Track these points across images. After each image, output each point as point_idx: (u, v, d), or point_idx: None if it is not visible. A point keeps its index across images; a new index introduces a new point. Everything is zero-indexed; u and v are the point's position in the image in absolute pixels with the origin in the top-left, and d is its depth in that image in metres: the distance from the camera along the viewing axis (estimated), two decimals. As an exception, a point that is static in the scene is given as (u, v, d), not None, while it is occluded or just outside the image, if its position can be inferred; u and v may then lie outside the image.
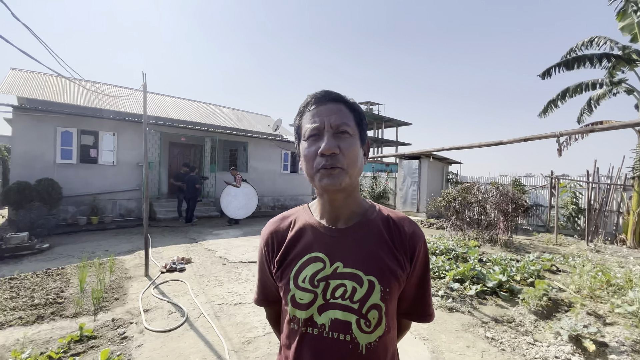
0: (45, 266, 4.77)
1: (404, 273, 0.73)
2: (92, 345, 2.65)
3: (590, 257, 6.29)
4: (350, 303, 0.69)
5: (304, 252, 0.76)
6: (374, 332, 0.69)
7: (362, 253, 0.73)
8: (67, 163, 8.36)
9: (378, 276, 0.71)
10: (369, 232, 0.76)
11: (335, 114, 0.73)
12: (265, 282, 0.87)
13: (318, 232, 0.77)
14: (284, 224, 0.83)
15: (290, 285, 0.73)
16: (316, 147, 0.71)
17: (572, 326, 3.02)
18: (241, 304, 3.58)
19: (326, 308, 0.70)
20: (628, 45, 8.13)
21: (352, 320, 0.69)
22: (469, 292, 3.95)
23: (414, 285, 0.78)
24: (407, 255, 0.75)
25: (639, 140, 7.96)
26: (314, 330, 0.71)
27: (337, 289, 0.71)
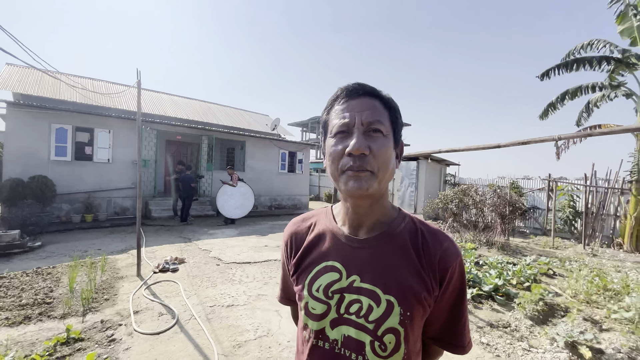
0: (36, 265, 4.69)
1: (430, 297, 0.65)
2: (78, 348, 2.59)
3: (587, 261, 6.27)
4: (365, 322, 0.64)
5: (320, 260, 0.71)
6: (390, 358, 0.63)
7: (383, 269, 0.66)
8: (61, 160, 8.26)
9: (398, 297, 0.63)
10: (394, 245, 0.68)
11: (368, 109, 0.65)
12: (287, 281, 0.84)
13: (337, 240, 0.71)
14: (304, 226, 0.78)
15: (304, 293, 0.69)
16: (344, 146, 0.64)
17: (568, 332, 2.98)
18: (233, 306, 3.52)
19: (339, 323, 0.65)
20: (627, 49, 8.13)
21: (367, 341, 0.63)
22: (465, 296, 3.90)
23: (445, 310, 0.70)
24: (437, 276, 0.66)
25: (637, 145, 7.95)
26: (325, 344, 0.66)
27: (353, 305, 0.65)
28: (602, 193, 9.01)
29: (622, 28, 7.82)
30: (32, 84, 10.47)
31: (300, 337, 0.74)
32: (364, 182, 0.62)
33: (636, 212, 7.79)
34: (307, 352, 0.69)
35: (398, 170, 12.68)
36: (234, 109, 17.31)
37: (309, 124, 35.41)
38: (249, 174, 12.19)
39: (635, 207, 7.84)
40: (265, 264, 5.17)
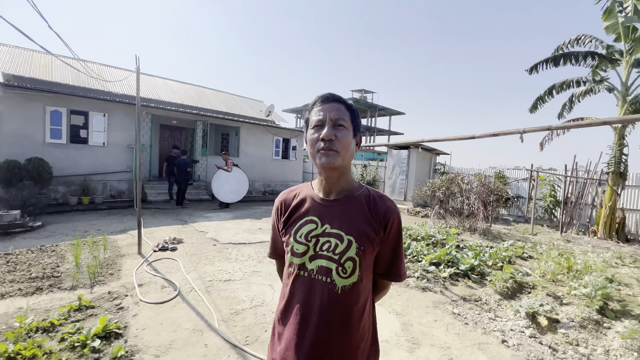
0: (39, 243, 4.90)
1: (377, 237, 0.94)
2: (90, 314, 2.86)
3: (561, 246, 6.71)
4: (333, 255, 0.91)
5: (302, 216, 0.99)
6: (349, 278, 0.90)
7: (346, 219, 0.94)
8: (56, 143, 8.33)
9: (355, 237, 0.92)
10: (354, 204, 0.97)
11: (335, 110, 0.95)
12: (276, 240, 1.11)
13: (314, 202, 1.00)
14: (291, 195, 1.06)
15: (290, 239, 0.97)
16: (319, 134, 0.93)
17: (530, 305, 3.36)
18: (230, 281, 3.82)
19: (315, 257, 0.93)
20: (612, 45, 8.41)
21: (333, 268, 0.91)
22: (443, 274, 4.27)
23: (388, 250, 0.98)
24: (382, 224, 0.95)
25: (615, 137, 8.35)
26: (304, 273, 0.94)
27: (325, 244, 0.93)
28: (581, 183, 9.47)
29: (608, 24, 8.06)
30: (23, 64, 10.34)
31: (285, 273, 1.01)
32: (331, 158, 0.91)
33: (611, 202, 8.26)
34: (291, 281, 0.96)
35: (390, 158, 12.98)
36: (228, 94, 17.26)
37: (302, 110, 35.32)
38: (243, 159, 12.36)
39: (610, 197, 8.30)
40: (260, 245, 5.47)
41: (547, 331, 3.10)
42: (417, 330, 2.94)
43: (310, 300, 0.92)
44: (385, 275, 1.01)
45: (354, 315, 0.92)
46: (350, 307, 0.91)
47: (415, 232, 6.29)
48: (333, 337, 0.89)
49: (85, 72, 7.56)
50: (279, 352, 0.96)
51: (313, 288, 0.92)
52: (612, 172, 8.28)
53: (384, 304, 3.45)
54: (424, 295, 3.76)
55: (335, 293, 0.90)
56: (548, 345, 2.81)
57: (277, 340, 0.99)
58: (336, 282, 0.90)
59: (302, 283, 0.94)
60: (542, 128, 2.63)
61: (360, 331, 0.93)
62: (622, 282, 4.66)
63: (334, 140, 0.91)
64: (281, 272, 1.14)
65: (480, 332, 3.00)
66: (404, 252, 1.03)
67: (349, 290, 0.90)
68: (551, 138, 9.66)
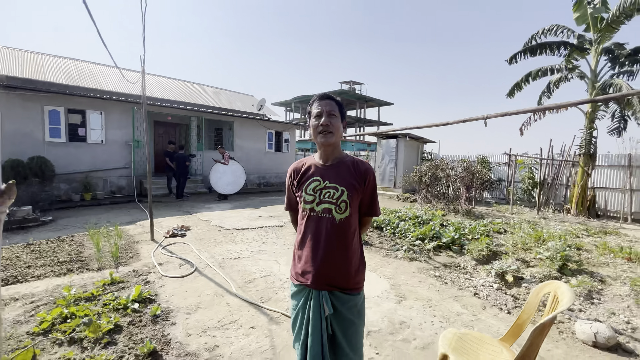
0: (55, 235, 5.26)
1: (360, 187, 1.40)
2: (122, 287, 3.30)
3: (535, 222, 7.38)
4: (332, 199, 1.38)
5: (310, 177, 1.44)
6: (343, 213, 1.38)
7: (339, 176, 1.40)
8: (56, 142, 8.56)
9: (346, 186, 1.37)
10: (343, 166, 1.43)
11: (329, 105, 1.41)
12: (290, 197, 1.58)
13: (317, 167, 1.46)
14: (300, 165, 1.52)
15: (303, 193, 1.44)
16: (318, 122, 1.40)
17: (500, 266, 3.93)
18: (240, 259, 4.29)
19: (320, 203, 1.40)
20: (582, 34, 9.02)
21: (332, 208, 1.38)
22: (427, 247, 4.83)
23: (368, 196, 1.45)
24: (363, 179, 1.41)
25: (586, 121, 9.02)
26: (314, 214, 1.41)
27: (326, 194, 1.40)
28: (556, 165, 10.18)
29: (578, 15, 8.65)
30: (15, 65, 10.40)
31: (300, 216, 1.47)
32: (329, 137, 1.39)
33: (582, 181, 8.97)
34: (305, 220, 1.42)
35: (379, 148, 13.51)
36: (219, 89, 17.43)
37: (292, 103, 35.49)
38: (238, 153, 12.71)
39: (581, 176, 9.01)
40: (261, 230, 5.94)
41: (512, 286, 3.68)
42: (404, 289, 3.48)
43: (319, 230, 1.39)
44: (367, 213, 1.50)
45: (348, 238, 1.40)
46: (345, 232, 1.39)
47: (404, 214, 6.84)
48: (336, 252, 1.38)
49: (78, 71, 7.78)
50: (300, 266, 1.43)
51: (320, 222, 1.39)
52: (583, 154, 8.97)
53: (376, 271, 3.98)
54: (410, 264, 4.31)
55: (335, 224, 1.38)
56: (511, 295, 3.39)
57: (297, 259, 1.47)
58: (335, 216, 1.38)
59: (312, 220, 1.41)
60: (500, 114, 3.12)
61: (353, 247, 1.42)
62: (584, 249, 5.31)
63: (329, 125, 1.38)
64: (294, 221, 1.62)
65: (457, 288, 3.56)
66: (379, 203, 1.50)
67: (344, 221, 1.38)
68: (529, 124, 10.31)
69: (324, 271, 1.36)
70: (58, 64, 11.73)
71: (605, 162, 9.49)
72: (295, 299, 1.46)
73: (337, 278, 1.38)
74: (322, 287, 1.37)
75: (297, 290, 1.44)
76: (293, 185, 1.51)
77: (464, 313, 2.98)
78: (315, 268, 1.37)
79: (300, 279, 1.42)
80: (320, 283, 1.37)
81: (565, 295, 1.36)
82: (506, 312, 3.04)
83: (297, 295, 1.45)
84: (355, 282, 1.41)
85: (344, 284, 1.38)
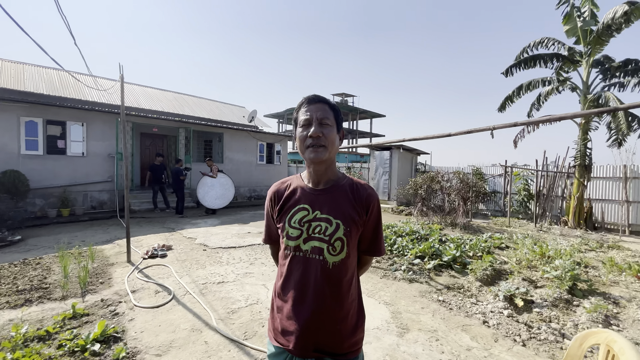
0: (21, 257, 4.77)
1: (360, 219, 1.08)
2: (85, 321, 2.87)
3: (533, 235, 7.15)
4: (324, 236, 1.05)
5: (295, 204, 1.11)
6: (338, 255, 1.04)
7: (333, 205, 1.08)
8: (33, 154, 8.07)
9: (342, 220, 1.05)
10: (339, 191, 1.10)
11: (321, 110, 1.07)
12: (270, 226, 1.23)
13: (305, 192, 1.12)
14: (283, 186, 1.18)
15: (285, 225, 1.10)
16: (307, 132, 1.06)
17: (507, 288, 3.62)
18: (224, 283, 3.89)
19: (308, 240, 1.06)
20: (573, 47, 9.07)
21: (324, 247, 1.04)
22: (427, 266, 4.50)
23: (370, 230, 1.12)
24: (364, 208, 1.09)
25: (580, 133, 8.97)
26: (299, 253, 1.07)
27: (316, 228, 1.06)
28: (551, 177, 10.08)
29: (568, 28, 8.71)
30: (-8, 74, 9.95)
31: (282, 255, 1.13)
32: (320, 153, 1.05)
33: (578, 193, 8.85)
34: (288, 261, 1.09)
35: (372, 159, 13.31)
36: (209, 100, 17.15)
37: (284, 115, 35.41)
38: (228, 165, 12.33)
39: (577, 188, 8.89)
40: (250, 248, 5.54)
41: (523, 311, 3.36)
42: (406, 317, 3.13)
43: (306, 275, 1.05)
44: (368, 251, 1.16)
45: (343, 286, 1.07)
46: (340, 280, 1.06)
47: (400, 229, 6.53)
48: (327, 305, 1.04)
49: (60, 81, 7.40)
50: (280, 322, 1.09)
51: (308, 265, 1.06)
52: (578, 165, 8.88)
53: (374, 296, 3.63)
54: (410, 286, 3.97)
55: (327, 268, 1.04)
56: (524, 323, 3.07)
57: (277, 312, 1.12)
58: (327, 259, 1.04)
59: (297, 262, 1.08)
60: (510, 124, 2.89)
61: (349, 299, 1.09)
62: (589, 265, 5.06)
63: (321, 137, 1.04)
64: (276, 256, 1.28)
65: (464, 315, 3.23)
66: (383, 234, 1.17)
67: (338, 265, 1.05)
68: (523, 135, 10.23)
69: (312, 332, 1.03)
70: (40, 73, 11.30)
71: (601, 174, 9.41)
72: None
73: (328, 340, 1.04)
74: (308, 355, 1.03)
75: (276, 352, 1.10)
76: (274, 213, 1.17)
77: (474, 347, 2.64)
78: (300, 328, 1.03)
79: (280, 340, 1.09)
80: (307, 348, 1.03)
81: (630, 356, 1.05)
82: (521, 345, 2.71)
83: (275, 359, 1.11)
84: (352, 344, 1.08)
85: (338, 348, 1.05)
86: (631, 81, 8.36)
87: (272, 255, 1.34)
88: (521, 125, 2.77)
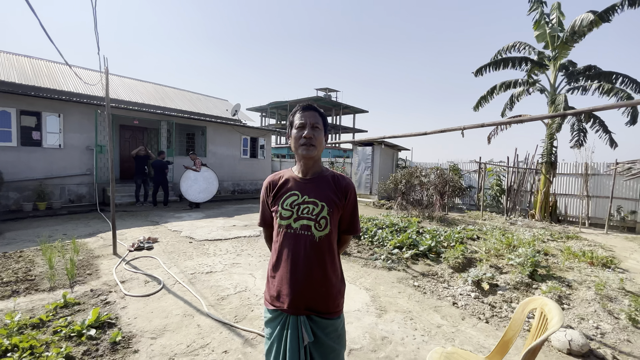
0: (0, 251, 4.70)
1: (340, 202, 1.32)
2: (77, 310, 2.96)
3: (504, 227, 7.68)
4: (311, 215, 1.28)
5: (287, 191, 1.34)
6: (323, 231, 1.28)
7: (319, 191, 1.32)
8: (5, 146, 7.78)
9: (326, 202, 1.29)
10: (323, 180, 1.35)
11: (313, 117, 1.33)
12: (264, 212, 1.45)
13: (295, 181, 1.36)
14: (277, 177, 1.41)
15: (279, 208, 1.32)
16: (301, 133, 1.31)
17: (475, 274, 3.98)
18: (212, 273, 4.03)
19: (298, 219, 1.29)
20: (542, 51, 9.65)
21: (312, 224, 1.27)
22: (405, 255, 4.82)
23: (348, 213, 1.37)
24: (343, 195, 1.34)
25: (547, 132, 9.61)
26: (290, 231, 1.29)
27: (305, 209, 1.29)
28: (522, 173, 10.74)
29: (538, 33, 9.26)
30: (-42, 60, 9.41)
31: (275, 233, 1.35)
32: (311, 150, 1.30)
33: (544, 188, 9.51)
34: (281, 238, 1.30)
35: (355, 155, 13.61)
36: (192, 93, 16.86)
37: (267, 109, 35.19)
38: (211, 159, 12.27)
39: (544, 184, 9.55)
40: (236, 240, 5.68)
41: (488, 294, 3.73)
42: (384, 301, 3.41)
43: (297, 248, 1.28)
44: (347, 231, 1.40)
45: (328, 256, 1.30)
46: (325, 251, 1.29)
47: (380, 221, 6.84)
48: (316, 272, 1.27)
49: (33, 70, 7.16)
50: (275, 288, 1.31)
51: (298, 240, 1.28)
52: (545, 162, 9.52)
53: (355, 282, 3.89)
54: (389, 274, 4.27)
55: (314, 242, 1.27)
56: (488, 304, 3.42)
57: (272, 281, 1.34)
58: (315, 234, 1.27)
59: (289, 238, 1.30)
60: (478, 125, 3.20)
61: (334, 267, 1.32)
62: (549, 253, 5.56)
63: (312, 138, 1.29)
64: (269, 239, 1.50)
65: (436, 298, 3.55)
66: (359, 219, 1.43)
67: (323, 239, 1.28)
68: (497, 133, 10.84)
69: (303, 294, 1.25)
70: (10, 61, 10.76)
71: (565, 170, 10.13)
72: (269, 326, 1.33)
73: (316, 301, 1.27)
74: (300, 312, 1.25)
75: (272, 316, 1.32)
76: (269, 199, 1.40)
77: (444, 324, 2.95)
78: (293, 290, 1.26)
79: (275, 303, 1.30)
80: (299, 307, 1.25)
81: (555, 315, 1.33)
82: (485, 322, 3.05)
83: (272, 323, 1.32)
84: (335, 305, 1.32)
85: (324, 308, 1.28)
86: (592, 85, 9.02)
87: (265, 239, 1.56)
88: (488, 126, 3.09)
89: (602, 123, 9.27)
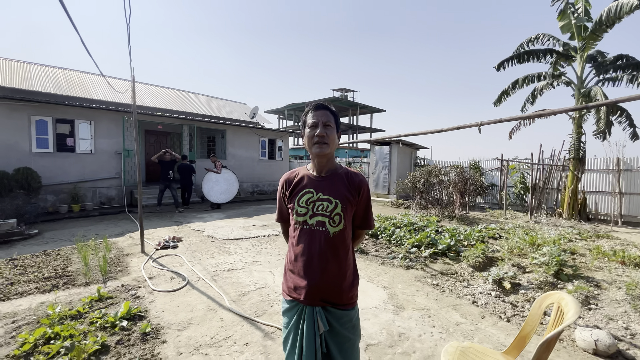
0: (40, 249, 5.07)
1: (354, 199, 1.37)
2: (110, 303, 3.17)
3: (528, 227, 7.42)
4: (325, 212, 1.34)
5: (302, 189, 1.40)
6: (337, 226, 1.33)
7: (333, 188, 1.37)
8: (43, 152, 8.35)
9: (340, 199, 1.34)
10: (337, 178, 1.39)
11: (325, 115, 1.38)
12: (281, 208, 1.53)
13: (310, 179, 1.42)
14: (292, 175, 1.48)
15: (295, 205, 1.39)
16: (314, 132, 1.36)
17: (497, 273, 3.91)
18: (233, 270, 4.18)
19: (314, 216, 1.35)
20: (567, 42, 9.25)
21: (326, 220, 1.33)
22: (423, 254, 4.79)
23: (362, 209, 1.42)
24: (357, 191, 1.38)
25: (574, 127, 9.20)
26: (306, 227, 1.36)
27: (320, 206, 1.35)
28: (547, 170, 10.31)
29: (563, 24, 8.88)
30: (0, 74, 10.19)
31: (292, 229, 1.42)
32: (324, 148, 1.35)
33: (572, 185, 9.10)
34: (297, 233, 1.37)
35: (372, 154, 13.55)
36: (212, 97, 17.36)
37: (285, 111, 35.56)
38: (231, 161, 12.60)
39: (572, 180, 9.14)
40: (256, 239, 5.83)
41: (510, 293, 3.65)
42: (402, 299, 3.42)
43: (312, 243, 1.34)
44: (361, 226, 1.45)
45: (342, 251, 1.36)
46: (339, 246, 1.35)
47: (399, 221, 6.80)
48: (330, 266, 1.33)
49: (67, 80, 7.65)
50: (292, 280, 1.38)
51: (313, 236, 1.35)
52: (572, 158, 9.11)
53: (372, 280, 3.92)
54: (407, 272, 4.26)
55: (329, 237, 1.33)
56: (510, 303, 3.36)
57: (289, 274, 1.41)
58: (329, 230, 1.33)
59: (305, 233, 1.37)
60: (495, 121, 3.14)
61: (347, 261, 1.38)
62: (577, 252, 5.34)
63: (325, 137, 1.34)
64: (286, 233, 1.58)
65: (455, 297, 3.51)
66: (373, 212, 1.45)
67: (338, 235, 1.34)
68: (519, 128, 10.47)
69: (318, 286, 1.32)
70: (46, 73, 11.54)
71: (595, 166, 9.65)
72: (287, 316, 1.40)
73: (331, 293, 1.33)
74: (315, 303, 1.32)
75: (290, 306, 1.39)
76: (285, 197, 1.47)
77: (463, 322, 2.93)
78: (309, 282, 1.32)
79: (292, 295, 1.37)
80: (314, 298, 1.32)
81: (571, 308, 1.32)
82: (505, 321, 3.00)
83: (289, 312, 1.39)
84: (349, 297, 1.37)
85: (338, 299, 1.34)
86: (624, 77, 8.54)
87: (282, 233, 1.64)
88: (506, 122, 3.03)
89: (628, 116, 8.77)
